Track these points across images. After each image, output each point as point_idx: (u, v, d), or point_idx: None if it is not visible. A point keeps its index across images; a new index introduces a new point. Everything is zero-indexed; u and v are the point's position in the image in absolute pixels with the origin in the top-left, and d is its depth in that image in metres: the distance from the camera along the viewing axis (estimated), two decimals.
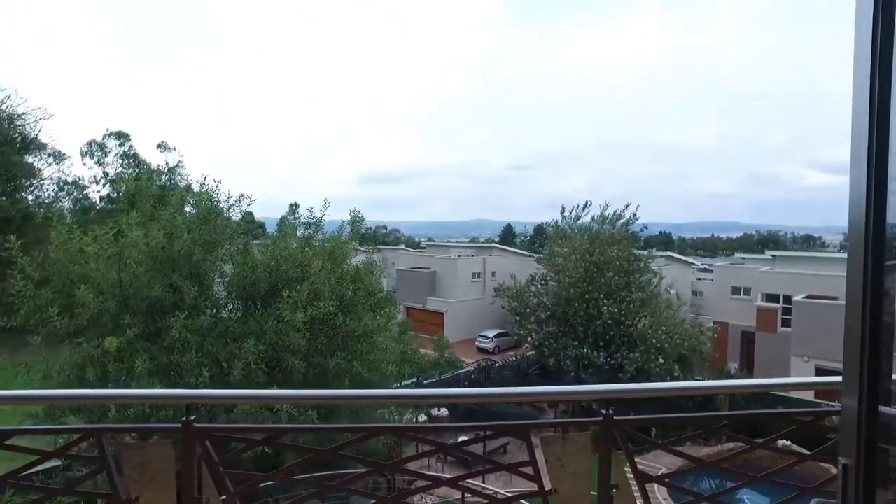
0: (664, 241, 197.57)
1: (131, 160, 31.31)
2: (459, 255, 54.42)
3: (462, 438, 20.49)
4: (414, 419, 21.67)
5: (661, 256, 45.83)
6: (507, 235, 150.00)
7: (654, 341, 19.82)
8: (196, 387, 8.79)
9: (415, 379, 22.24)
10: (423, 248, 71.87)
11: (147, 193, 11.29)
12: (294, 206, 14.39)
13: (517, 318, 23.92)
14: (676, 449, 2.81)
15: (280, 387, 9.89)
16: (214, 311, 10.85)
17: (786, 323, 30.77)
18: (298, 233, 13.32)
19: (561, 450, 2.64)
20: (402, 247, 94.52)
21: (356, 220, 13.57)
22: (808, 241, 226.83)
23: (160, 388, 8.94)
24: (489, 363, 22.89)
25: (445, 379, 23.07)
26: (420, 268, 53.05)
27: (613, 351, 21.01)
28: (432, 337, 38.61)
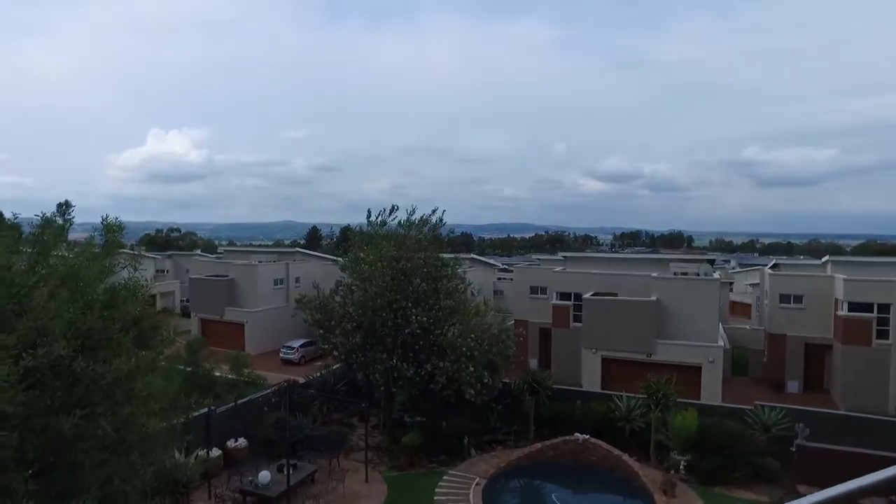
0: (465, 241, 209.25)
1: None
2: (260, 262, 50.87)
3: (263, 472, 18.18)
4: (206, 454, 18.79)
5: (466, 258, 47.31)
6: (314, 238, 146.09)
7: (464, 349, 19.49)
8: None
9: (206, 409, 19.33)
10: (221, 253, 65.82)
11: None
12: (64, 206, 10.83)
13: (321, 330, 22.14)
14: None
15: None
16: None
17: (577, 318, 33.26)
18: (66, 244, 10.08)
19: None
20: (199, 252, 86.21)
21: (112, 228, 10.75)
22: (587, 240, 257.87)
23: None
24: (291, 383, 20.79)
25: (242, 405, 20.43)
26: (217, 275, 48.71)
27: (424, 361, 20.32)
28: (232, 352, 35.20)
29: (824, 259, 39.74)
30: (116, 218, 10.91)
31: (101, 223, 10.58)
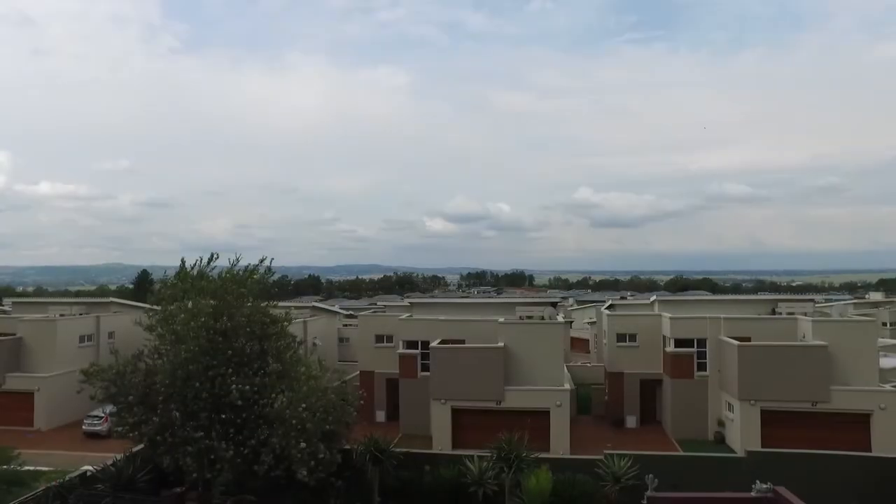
0: (313, 283, 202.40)
1: None
2: (62, 315, 43.13)
3: None
4: None
5: (308, 307, 44.07)
6: (143, 282, 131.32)
7: (294, 421, 16.66)
8: None
9: None
10: (7, 307, 55.15)
11: None
12: None
13: (117, 408, 18.02)
14: None
15: None
16: None
17: (425, 367, 31.68)
18: None
19: None
20: None
21: None
22: (436, 281, 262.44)
23: None
24: (66, 482, 16.24)
25: None
26: None
27: (247, 437, 17.15)
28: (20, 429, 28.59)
29: (652, 298, 42.51)
30: None
31: None
